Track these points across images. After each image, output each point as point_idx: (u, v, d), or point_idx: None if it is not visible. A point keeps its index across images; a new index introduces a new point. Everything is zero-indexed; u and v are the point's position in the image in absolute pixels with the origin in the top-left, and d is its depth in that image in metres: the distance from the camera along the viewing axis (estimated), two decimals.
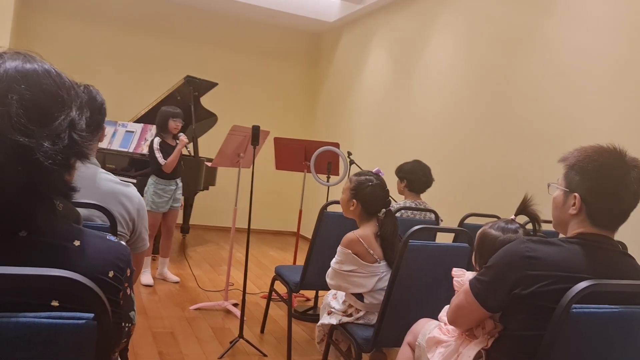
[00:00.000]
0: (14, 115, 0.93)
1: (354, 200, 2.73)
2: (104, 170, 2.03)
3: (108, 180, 2.00)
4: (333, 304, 2.81)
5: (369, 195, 2.70)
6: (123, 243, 1.14)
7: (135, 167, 5.69)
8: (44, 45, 7.30)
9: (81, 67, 7.24)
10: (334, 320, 2.74)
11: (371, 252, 2.64)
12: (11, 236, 0.98)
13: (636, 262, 1.67)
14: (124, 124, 6.02)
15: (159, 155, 4.70)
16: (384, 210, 2.72)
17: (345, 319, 2.69)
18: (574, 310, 1.45)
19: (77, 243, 1.03)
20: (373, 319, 2.63)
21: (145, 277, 4.81)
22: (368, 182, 2.72)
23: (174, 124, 4.80)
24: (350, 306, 2.73)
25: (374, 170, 2.81)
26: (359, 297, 2.69)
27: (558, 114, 4.05)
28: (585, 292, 1.44)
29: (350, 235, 2.67)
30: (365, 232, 2.68)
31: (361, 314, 2.68)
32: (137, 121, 6.14)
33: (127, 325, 1.17)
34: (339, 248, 2.69)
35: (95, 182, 1.95)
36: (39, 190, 0.97)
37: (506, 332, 1.66)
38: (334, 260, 2.72)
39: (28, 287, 0.93)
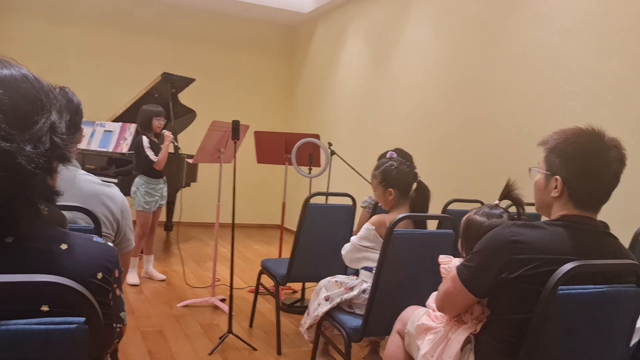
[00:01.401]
0: None
1: (390, 190, 2.79)
2: (84, 172, 2.00)
3: (89, 181, 1.98)
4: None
5: (397, 177, 2.77)
6: (110, 244, 1.13)
7: (116, 167, 5.63)
8: (16, 47, 7.17)
9: (55, 69, 7.12)
10: (335, 301, 2.75)
11: None
12: None
13: (619, 241, 1.70)
14: (102, 123, 5.95)
15: (150, 153, 4.66)
16: (415, 184, 2.78)
17: (349, 295, 2.72)
18: (560, 292, 1.47)
19: (63, 246, 1.02)
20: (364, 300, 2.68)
21: (132, 277, 4.78)
22: (391, 167, 2.80)
23: (158, 123, 4.78)
24: (356, 278, 2.82)
25: (387, 155, 2.86)
26: (369, 268, 2.76)
27: (537, 98, 4.09)
28: (571, 273, 1.46)
29: (382, 216, 2.78)
30: (395, 217, 2.73)
31: (367, 285, 2.72)
32: (115, 120, 6.06)
33: (118, 326, 1.16)
34: (366, 224, 2.78)
35: (76, 183, 1.93)
36: (23, 195, 0.96)
37: (494, 317, 1.68)
38: (355, 236, 2.83)
39: (17, 294, 0.92)
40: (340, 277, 2.87)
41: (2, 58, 1.02)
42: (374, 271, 2.71)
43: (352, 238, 2.83)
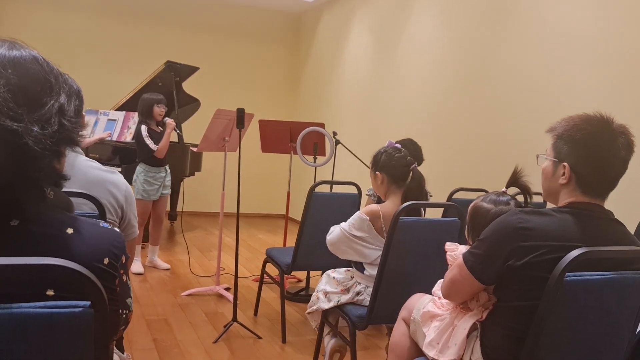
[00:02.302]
0: (1, 99, 0.91)
1: (378, 173, 2.73)
2: (87, 158, 2.00)
3: (94, 168, 1.98)
4: (327, 288, 2.82)
5: (386, 162, 2.71)
6: (117, 229, 1.13)
7: (120, 156, 5.63)
8: (20, 34, 7.02)
9: (58, 56, 6.96)
10: (332, 303, 2.73)
11: (384, 228, 2.64)
12: (3, 225, 0.96)
13: (626, 228, 1.68)
14: (106, 112, 5.95)
15: (149, 141, 4.66)
16: (410, 173, 2.71)
17: (345, 298, 2.69)
18: (567, 278, 1.46)
19: (70, 231, 1.01)
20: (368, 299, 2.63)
21: (136, 266, 4.79)
22: (381, 151, 2.75)
23: (159, 110, 4.76)
24: (351, 278, 2.75)
25: (386, 144, 2.81)
26: (360, 268, 2.71)
27: (544, 85, 4.06)
28: (578, 260, 1.45)
29: (374, 206, 2.69)
30: (389, 208, 2.66)
31: (361, 287, 2.69)
32: (119, 109, 6.06)
33: (124, 312, 1.16)
34: (357, 213, 2.69)
35: (81, 170, 1.93)
36: (29, 177, 0.95)
37: (500, 304, 1.68)
38: (345, 222, 2.72)
39: (22, 277, 0.91)
40: (338, 274, 2.82)
41: (12, 40, 1.02)
42: (365, 272, 2.67)
43: (343, 225, 2.72)
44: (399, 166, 2.70)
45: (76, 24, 7.57)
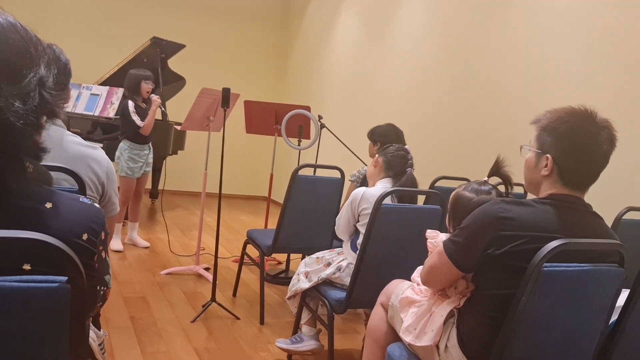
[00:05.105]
0: None
1: (377, 155, 2.92)
2: (70, 133, 1.97)
3: (75, 143, 1.95)
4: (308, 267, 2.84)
5: (390, 153, 2.88)
6: (97, 205, 1.11)
7: (102, 131, 5.55)
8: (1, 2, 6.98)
9: (41, 27, 6.90)
10: (313, 282, 2.75)
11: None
12: None
13: (604, 222, 1.71)
14: (89, 86, 5.85)
15: (136, 118, 4.59)
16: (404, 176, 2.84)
17: (326, 272, 2.71)
18: (545, 268, 1.48)
19: (49, 205, 1.00)
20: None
21: (115, 243, 4.76)
22: (391, 146, 2.96)
23: (146, 87, 4.70)
24: (340, 253, 2.80)
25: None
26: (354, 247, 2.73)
27: (529, 77, 4.07)
28: (556, 251, 1.47)
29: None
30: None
31: (344, 263, 2.71)
32: (102, 84, 5.96)
33: (102, 288, 1.15)
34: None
35: (62, 144, 1.90)
36: (9, 151, 0.93)
37: (478, 292, 1.69)
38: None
39: None
40: (321, 253, 2.86)
41: None
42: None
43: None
44: (399, 160, 2.85)
45: None
